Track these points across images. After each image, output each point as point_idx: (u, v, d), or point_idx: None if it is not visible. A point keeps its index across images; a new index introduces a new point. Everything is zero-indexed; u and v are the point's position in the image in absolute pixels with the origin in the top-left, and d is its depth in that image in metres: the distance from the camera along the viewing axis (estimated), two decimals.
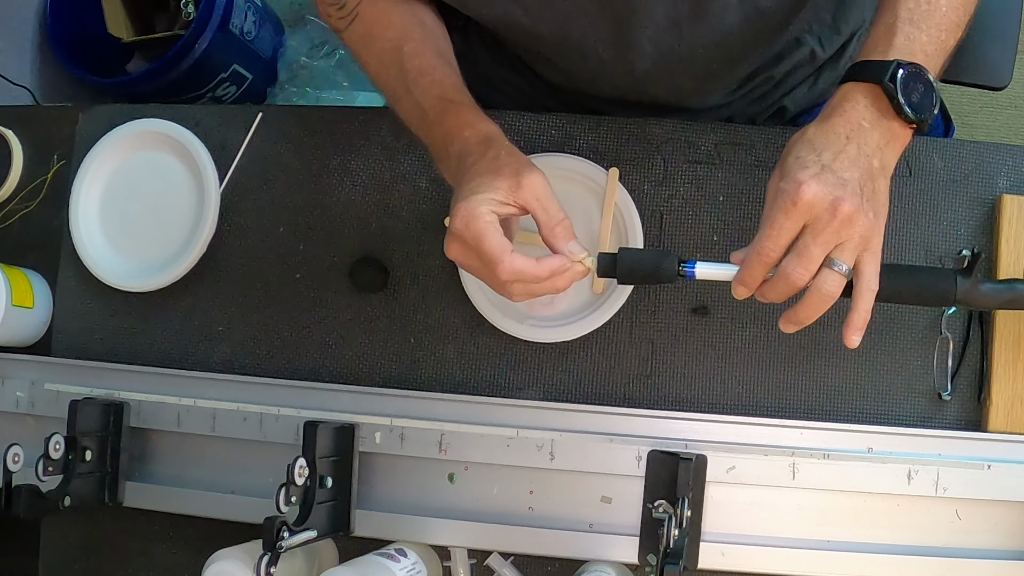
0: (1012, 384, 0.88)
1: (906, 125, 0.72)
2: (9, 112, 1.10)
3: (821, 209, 0.68)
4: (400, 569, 0.85)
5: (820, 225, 0.68)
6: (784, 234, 0.69)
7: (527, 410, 0.91)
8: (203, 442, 0.97)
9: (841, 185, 0.68)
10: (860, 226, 0.69)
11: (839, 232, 0.69)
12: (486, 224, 0.73)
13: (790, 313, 0.73)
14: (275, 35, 2.02)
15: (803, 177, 0.68)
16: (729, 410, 0.91)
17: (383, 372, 0.98)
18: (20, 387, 1.00)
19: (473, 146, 0.79)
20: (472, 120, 0.81)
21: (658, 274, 0.78)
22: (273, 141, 1.03)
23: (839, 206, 0.68)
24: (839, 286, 0.70)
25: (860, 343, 0.72)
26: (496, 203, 0.74)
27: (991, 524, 0.86)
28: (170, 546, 0.98)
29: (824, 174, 0.68)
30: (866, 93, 0.71)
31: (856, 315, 0.72)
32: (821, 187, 0.68)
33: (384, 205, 1.00)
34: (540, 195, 0.76)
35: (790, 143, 0.73)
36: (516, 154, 0.79)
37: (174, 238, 1.02)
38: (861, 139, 0.70)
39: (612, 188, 0.95)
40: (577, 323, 0.93)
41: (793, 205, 0.68)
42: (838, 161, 0.69)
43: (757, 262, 0.71)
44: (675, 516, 0.79)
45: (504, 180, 0.75)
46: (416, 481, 0.93)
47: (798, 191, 0.68)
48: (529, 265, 0.74)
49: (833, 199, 0.68)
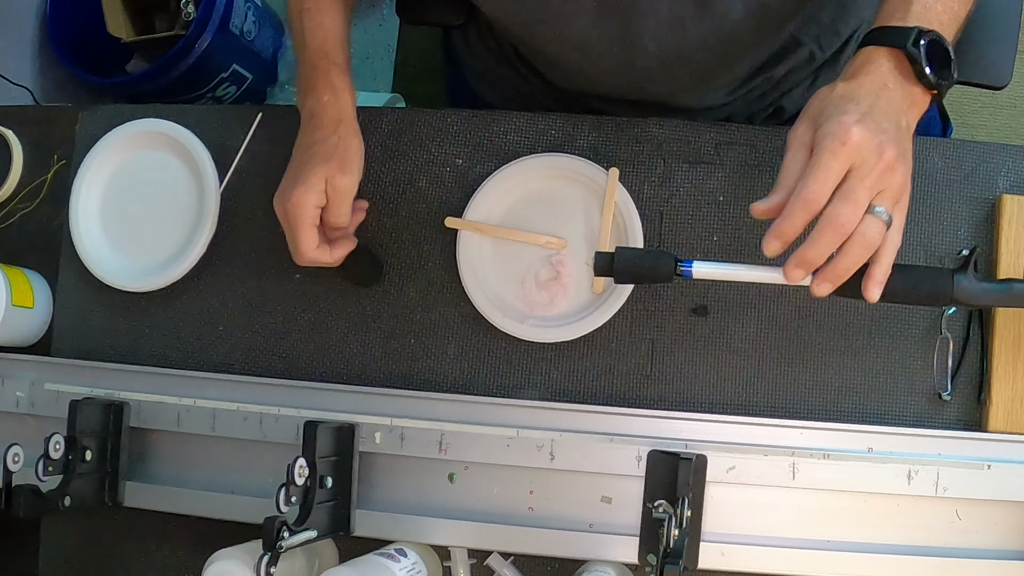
0: (1012, 384, 0.88)
1: (927, 91, 0.72)
2: (9, 112, 1.10)
3: (868, 151, 0.67)
4: (400, 569, 0.85)
5: (867, 168, 0.67)
6: (832, 176, 0.67)
7: (527, 410, 0.91)
8: (203, 442, 0.97)
9: (883, 132, 0.68)
10: (899, 175, 0.68)
11: (883, 178, 0.68)
12: (307, 219, 0.87)
13: (827, 270, 0.70)
14: (275, 35, 2.02)
15: (848, 120, 0.67)
16: (729, 410, 0.91)
17: (383, 372, 0.98)
18: (20, 387, 1.00)
19: (325, 119, 0.90)
20: (336, 85, 0.91)
21: (655, 273, 0.78)
22: (273, 141, 1.03)
23: (885, 150, 0.67)
24: (881, 234, 0.69)
25: (878, 296, 0.71)
26: (320, 195, 0.87)
27: (991, 524, 0.86)
28: (170, 546, 0.98)
29: (867, 119, 0.68)
30: (888, 57, 0.72)
31: (879, 268, 0.71)
32: (867, 130, 0.67)
33: (384, 205, 1.01)
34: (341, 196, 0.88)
35: (817, 98, 0.72)
36: (350, 148, 0.89)
37: (174, 238, 1.02)
38: (888, 98, 0.71)
39: (612, 188, 0.95)
40: (577, 323, 0.93)
41: (842, 145, 0.67)
42: (875, 112, 0.69)
43: (802, 208, 0.67)
44: (675, 516, 0.79)
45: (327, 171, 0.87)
46: (416, 481, 0.93)
47: (847, 132, 0.67)
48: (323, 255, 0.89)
49: (879, 142, 0.67)
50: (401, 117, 1.03)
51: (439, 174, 1.00)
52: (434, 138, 1.01)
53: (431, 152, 1.01)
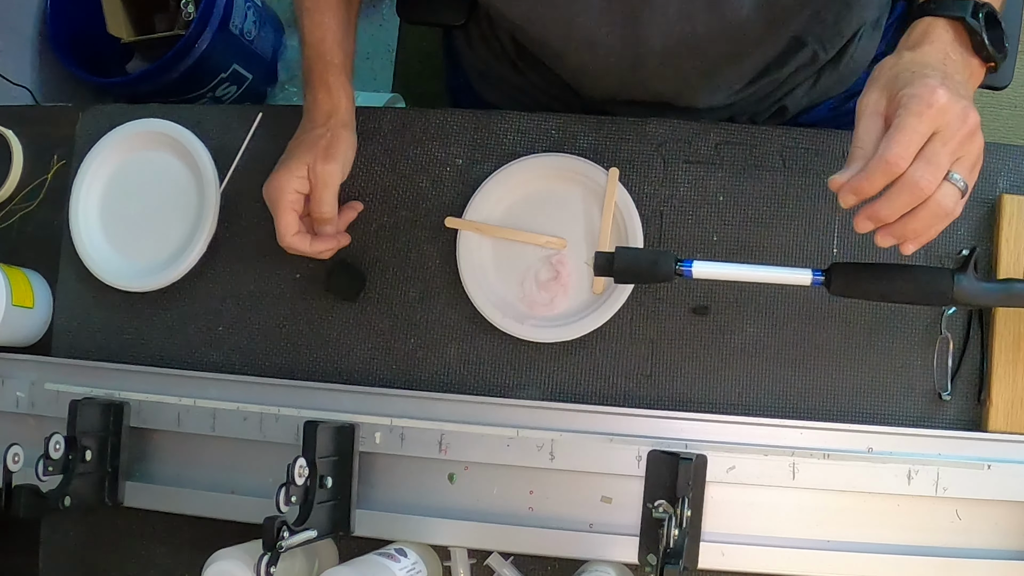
0: (1012, 384, 0.88)
1: (983, 64, 0.72)
2: (9, 112, 1.10)
3: (953, 115, 0.66)
4: (400, 569, 0.85)
5: (950, 132, 0.66)
6: (916, 138, 0.65)
7: (527, 410, 0.91)
8: (203, 442, 0.97)
9: (965, 98, 0.67)
10: (979, 142, 0.67)
11: (964, 144, 0.67)
12: (288, 202, 0.91)
13: (895, 227, 0.69)
14: (275, 35, 2.02)
15: (933, 83, 0.66)
16: (729, 410, 0.91)
17: (383, 372, 0.98)
18: (20, 387, 1.00)
19: (317, 114, 0.93)
20: (331, 84, 0.94)
21: (655, 273, 0.78)
22: (273, 141, 1.03)
23: (969, 114, 0.66)
24: (956, 202, 0.67)
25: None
26: (302, 181, 0.91)
27: (991, 524, 0.86)
28: (170, 546, 0.98)
29: (949, 82, 0.67)
30: (948, 28, 0.71)
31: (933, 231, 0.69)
32: (951, 95, 0.66)
33: (384, 205, 1.00)
34: (323, 183, 0.90)
35: (885, 66, 0.70)
36: (338, 138, 0.92)
37: (174, 238, 1.02)
38: (953, 67, 0.70)
39: (612, 188, 0.95)
40: (577, 323, 0.93)
41: (928, 107, 0.65)
42: (950, 79, 0.68)
43: (883, 170, 0.66)
44: (675, 516, 0.79)
45: (310, 159, 0.90)
46: (416, 481, 0.93)
47: (933, 94, 0.65)
48: (302, 243, 0.92)
49: (963, 107, 0.66)
50: (401, 117, 1.03)
51: (439, 174, 1.00)
52: (434, 138, 1.01)
53: (431, 152, 1.01)
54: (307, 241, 0.92)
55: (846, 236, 0.93)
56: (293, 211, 0.91)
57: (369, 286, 0.99)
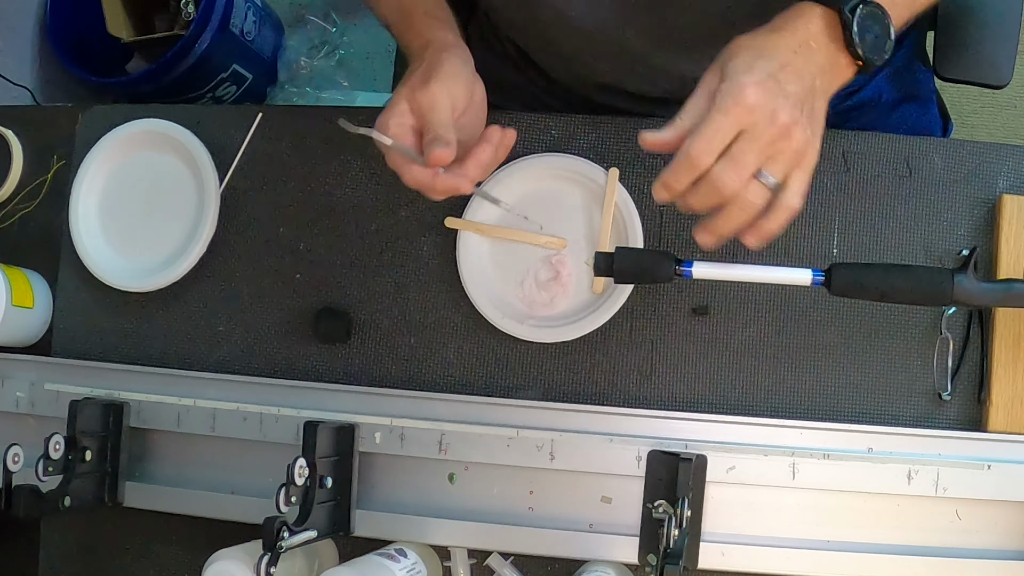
0: (1012, 384, 0.88)
1: (852, 61, 0.70)
2: (9, 112, 1.10)
3: (761, 115, 0.66)
4: (400, 569, 0.85)
5: (757, 131, 0.66)
6: (720, 136, 0.66)
7: (527, 410, 0.91)
8: (203, 442, 0.97)
9: (784, 96, 0.67)
10: (796, 140, 0.67)
11: (775, 143, 0.67)
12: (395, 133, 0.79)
13: (708, 222, 0.70)
14: (275, 35, 2.02)
15: (747, 80, 0.66)
16: (729, 410, 0.91)
17: (383, 372, 0.98)
18: (20, 387, 1.00)
19: (416, 51, 0.84)
20: (420, 30, 0.86)
21: (655, 273, 0.78)
22: (273, 141, 1.03)
23: (779, 115, 0.66)
24: (763, 199, 0.68)
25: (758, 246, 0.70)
26: (402, 113, 0.79)
27: (991, 524, 0.86)
28: (170, 546, 0.99)
29: (769, 82, 0.66)
30: (822, 15, 0.70)
31: (768, 224, 0.69)
32: (765, 93, 0.66)
33: (384, 205, 1.00)
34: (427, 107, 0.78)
35: (733, 46, 0.70)
36: (437, 63, 0.80)
37: (174, 238, 1.02)
38: (807, 56, 0.69)
39: (612, 188, 0.95)
40: (577, 323, 0.93)
41: (735, 105, 0.65)
42: (784, 72, 0.67)
43: (686, 166, 0.67)
44: (675, 516, 0.79)
45: (406, 91, 0.80)
46: (416, 481, 0.93)
47: (742, 92, 0.65)
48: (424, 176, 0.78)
49: (774, 107, 0.66)
50: None
51: None
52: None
53: None
54: (429, 175, 0.79)
55: (846, 236, 0.93)
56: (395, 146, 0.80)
57: (369, 286, 0.99)
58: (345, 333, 0.98)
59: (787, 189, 0.69)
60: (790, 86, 0.67)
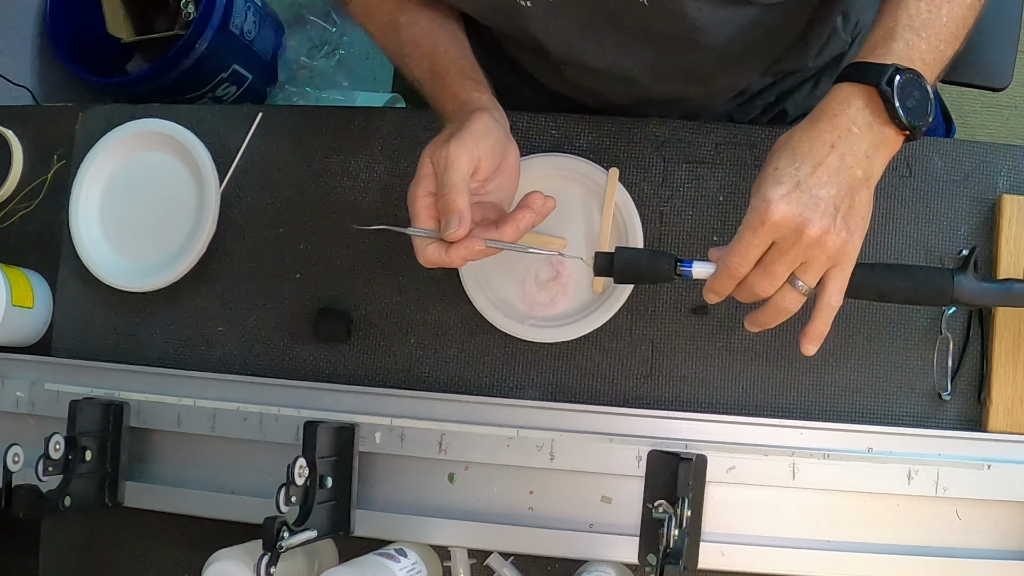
0: (1012, 384, 0.88)
1: (899, 132, 0.70)
2: (9, 112, 1.10)
3: (788, 230, 0.68)
4: (400, 569, 0.85)
5: (786, 245, 0.69)
6: (752, 251, 0.70)
7: (527, 410, 0.91)
8: (203, 442, 0.97)
9: (813, 205, 0.68)
10: (830, 247, 0.69)
11: (805, 252, 0.69)
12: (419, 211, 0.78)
13: (753, 315, 0.75)
14: (275, 35, 2.02)
15: (773, 196, 0.68)
16: (729, 410, 0.91)
17: (383, 372, 0.98)
18: (20, 387, 1.00)
19: (451, 113, 0.83)
20: (455, 92, 0.84)
21: (655, 273, 0.78)
22: (273, 141, 1.03)
23: (806, 228, 0.68)
24: (797, 304, 0.72)
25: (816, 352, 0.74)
26: (427, 179, 0.79)
27: (991, 524, 0.86)
28: (170, 546, 0.98)
29: (796, 192, 0.68)
30: (860, 95, 0.70)
31: (813, 327, 0.73)
32: (790, 207, 0.67)
33: (384, 205, 1.00)
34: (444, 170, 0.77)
35: (776, 147, 0.72)
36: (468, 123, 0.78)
37: (174, 238, 1.02)
38: (847, 146, 0.69)
39: (612, 188, 0.95)
40: (577, 323, 0.93)
41: (761, 224, 0.68)
42: (816, 175, 0.68)
43: (726, 275, 0.72)
44: (675, 516, 0.79)
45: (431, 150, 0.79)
46: (416, 481, 0.93)
47: (767, 211, 0.68)
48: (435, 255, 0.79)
49: (801, 221, 0.67)
50: (401, 117, 1.03)
51: None
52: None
53: None
54: (440, 252, 0.78)
55: None
56: (430, 218, 0.78)
57: (369, 286, 0.99)
58: (345, 333, 0.98)
59: (825, 289, 0.72)
60: (822, 190, 0.68)
